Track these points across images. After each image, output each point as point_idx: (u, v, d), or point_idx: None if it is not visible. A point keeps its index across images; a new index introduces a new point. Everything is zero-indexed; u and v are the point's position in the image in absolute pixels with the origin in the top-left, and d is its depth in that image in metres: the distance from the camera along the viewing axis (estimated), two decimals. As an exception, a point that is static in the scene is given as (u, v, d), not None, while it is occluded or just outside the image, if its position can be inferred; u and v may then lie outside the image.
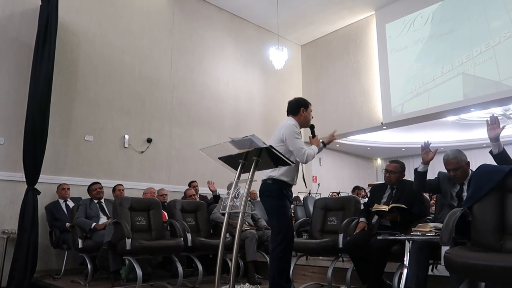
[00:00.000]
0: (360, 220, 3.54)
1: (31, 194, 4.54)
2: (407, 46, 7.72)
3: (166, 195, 5.75)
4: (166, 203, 5.37)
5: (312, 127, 3.27)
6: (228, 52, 7.83)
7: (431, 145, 3.08)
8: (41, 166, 4.64)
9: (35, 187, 4.60)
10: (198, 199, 5.62)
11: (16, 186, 4.84)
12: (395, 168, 3.49)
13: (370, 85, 8.16)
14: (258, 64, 8.29)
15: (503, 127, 2.75)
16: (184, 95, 6.92)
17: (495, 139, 2.73)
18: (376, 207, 3.27)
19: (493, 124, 2.77)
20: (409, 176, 3.65)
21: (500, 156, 2.73)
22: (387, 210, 3.16)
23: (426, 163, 3.07)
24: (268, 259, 4.60)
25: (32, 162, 4.57)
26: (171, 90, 6.75)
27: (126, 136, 6.03)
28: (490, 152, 2.79)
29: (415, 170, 3.12)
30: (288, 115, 3.26)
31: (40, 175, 4.66)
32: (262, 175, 3.07)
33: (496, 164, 2.74)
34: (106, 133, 5.85)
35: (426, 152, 3.06)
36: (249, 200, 5.52)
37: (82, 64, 5.76)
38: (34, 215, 4.50)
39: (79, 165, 5.50)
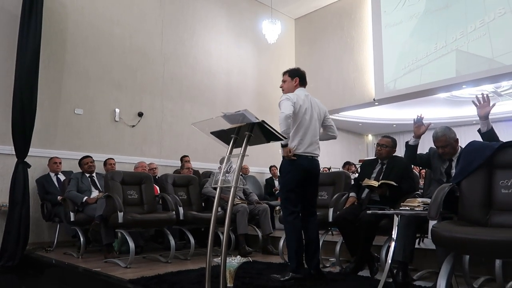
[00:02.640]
0: (350, 195, 3.60)
1: (21, 167, 4.51)
2: (402, 21, 7.63)
3: (155, 168, 5.76)
4: (157, 177, 5.39)
5: None
6: (220, 25, 7.68)
7: (423, 120, 3.11)
8: (31, 139, 4.59)
9: (25, 160, 4.56)
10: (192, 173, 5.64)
11: (6, 159, 4.80)
12: (387, 142, 3.52)
13: (364, 61, 8.11)
14: (251, 37, 8.15)
15: (493, 105, 2.76)
16: (175, 68, 6.81)
17: (484, 117, 2.74)
18: (366, 181, 3.33)
19: (484, 102, 2.77)
20: (400, 152, 3.68)
21: (488, 134, 2.74)
22: (376, 185, 3.22)
23: (417, 136, 3.11)
24: (259, 232, 4.69)
25: (21, 135, 4.51)
26: (163, 63, 6.64)
27: (117, 110, 5.97)
28: (478, 130, 2.81)
29: (407, 143, 3.17)
30: (303, 85, 3.41)
31: (30, 149, 4.62)
32: (319, 152, 3.22)
33: (483, 141, 2.77)
34: (96, 107, 5.77)
35: (418, 126, 3.10)
36: (241, 175, 5.55)
37: (71, 36, 5.61)
38: (25, 188, 4.49)
39: (70, 138, 5.45)
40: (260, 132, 2.42)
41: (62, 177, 5.00)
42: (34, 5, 4.75)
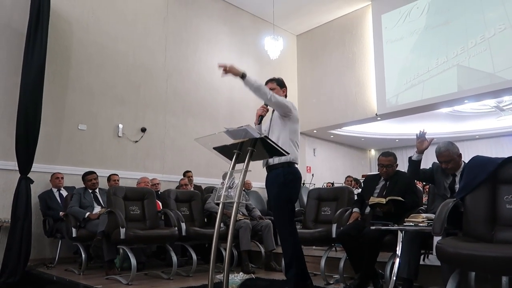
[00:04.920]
0: (353, 211, 3.57)
1: (24, 183, 4.51)
2: (403, 37, 7.71)
3: (158, 184, 5.75)
4: (159, 193, 5.37)
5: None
6: (223, 41, 7.77)
7: (425, 135, 3.12)
8: (34, 155, 4.60)
9: (28, 176, 4.57)
10: (192, 189, 5.62)
11: (9, 175, 4.80)
12: (390, 161, 3.50)
13: (365, 76, 8.16)
14: (253, 53, 8.24)
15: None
16: (178, 84, 6.87)
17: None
18: (372, 200, 3.26)
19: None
20: (403, 167, 3.67)
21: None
22: (384, 203, 3.14)
23: (420, 152, 3.10)
24: (262, 248, 4.65)
25: (25, 151, 4.53)
26: (166, 79, 6.70)
27: (120, 125, 6.00)
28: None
29: (409, 158, 3.16)
30: (286, 97, 3.30)
31: (33, 164, 4.62)
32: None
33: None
34: (99, 122, 5.80)
35: (421, 141, 3.10)
36: (244, 190, 5.54)
37: (75, 52, 5.69)
38: (27, 204, 4.48)
39: (73, 154, 5.47)
40: (262, 148, 2.42)
41: (64, 193, 5.00)
42: (40, 22, 4.82)
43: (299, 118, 3.18)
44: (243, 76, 2.87)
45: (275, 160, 3.01)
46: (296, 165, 3.09)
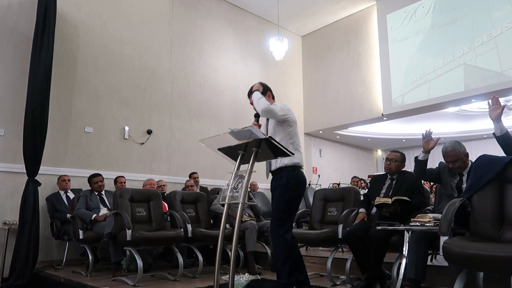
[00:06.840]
0: (359, 211, 3.55)
1: (32, 185, 4.56)
2: (408, 36, 7.67)
3: (164, 185, 5.76)
4: (165, 194, 5.39)
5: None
6: (227, 43, 7.79)
7: (432, 134, 3.09)
8: (41, 157, 4.64)
9: (35, 178, 4.61)
10: (198, 190, 5.63)
11: (17, 178, 4.85)
12: (396, 156, 3.49)
13: (371, 76, 8.13)
14: (258, 55, 8.24)
15: (504, 107, 2.71)
16: (184, 86, 6.90)
17: (496, 119, 2.70)
18: (378, 200, 3.24)
19: (494, 105, 2.74)
20: (410, 167, 3.65)
21: (502, 138, 2.68)
22: (390, 203, 3.12)
23: (426, 151, 3.08)
24: (268, 250, 4.64)
25: (32, 153, 4.57)
26: (171, 81, 6.73)
27: (126, 128, 6.03)
28: (493, 134, 2.75)
29: (416, 158, 3.14)
30: (274, 99, 3.28)
31: (40, 167, 4.66)
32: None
33: (500, 145, 2.72)
34: (106, 125, 5.84)
35: (427, 141, 3.07)
36: (249, 191, 5.53)
37: (82, 56, 5.73)
38: (35, 207, 4.52)
39: (79, 156, 5.51)
40: (267, 148, 2.42)
41: (71, 195, 5.03)
42: (46, 27, 4.87)
43: (296, 120, 3.07)
44: None
45: (278, 165, 2.92)
46: (301, 169, 2.97)
